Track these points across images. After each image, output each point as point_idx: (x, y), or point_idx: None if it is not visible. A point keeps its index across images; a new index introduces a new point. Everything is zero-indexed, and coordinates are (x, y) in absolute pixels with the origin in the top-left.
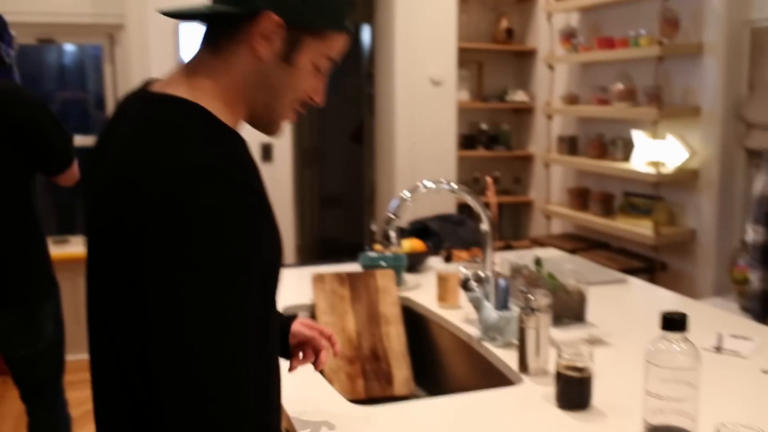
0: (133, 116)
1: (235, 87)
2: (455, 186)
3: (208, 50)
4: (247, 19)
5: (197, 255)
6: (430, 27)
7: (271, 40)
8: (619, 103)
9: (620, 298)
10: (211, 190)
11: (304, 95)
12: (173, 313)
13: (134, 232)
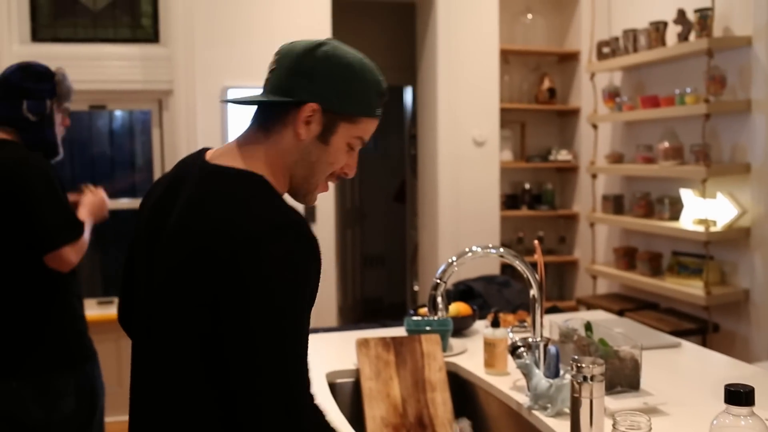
0: (203, 185)
1: (281, 161)
2: (503, 251)
3: (259, 130)
4: (294, 107)
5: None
6: (472, 88)
7: (311, 124)
8: (666, 161)
9: (675, 364)
10: (291, 242)
11: (338, 170)
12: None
13: (226, 280)
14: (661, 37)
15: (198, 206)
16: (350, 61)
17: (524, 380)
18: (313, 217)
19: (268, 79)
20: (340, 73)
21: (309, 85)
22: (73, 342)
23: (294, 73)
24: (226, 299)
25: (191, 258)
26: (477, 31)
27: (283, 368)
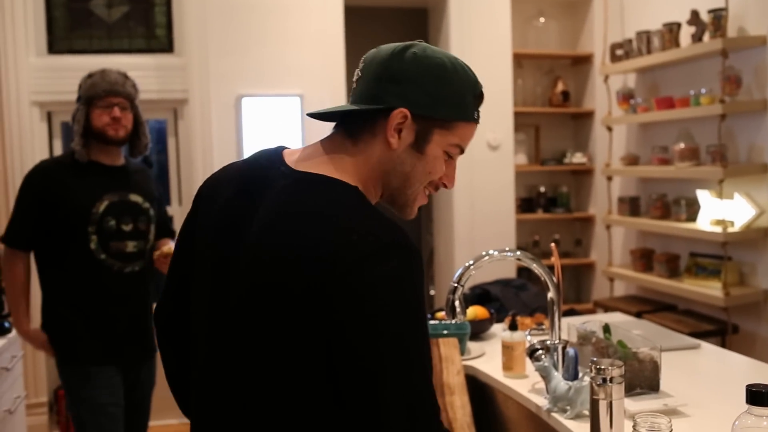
0: (294, 193)
1: (373, 172)
2: (520, 254)
3: (347, 138)
4: (383, 114)
5: (405, 320)
6: (485, 92)
7: (402, 132)
8: (682, 162)
9: (694, 365)
10: (403, 260)
11: (436, 180)
12: (402, 379)
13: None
14: (674, 38)
15: (292, 219)
16: (441, 61)
17: (543, 383)
18: None
19: (354, 89)
20: (430, 75)
21: (397, 90)
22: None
23: (381, 79)
24: (337, 333)
25: (288, 279)
26: (490, 35)
27: (414, 405)
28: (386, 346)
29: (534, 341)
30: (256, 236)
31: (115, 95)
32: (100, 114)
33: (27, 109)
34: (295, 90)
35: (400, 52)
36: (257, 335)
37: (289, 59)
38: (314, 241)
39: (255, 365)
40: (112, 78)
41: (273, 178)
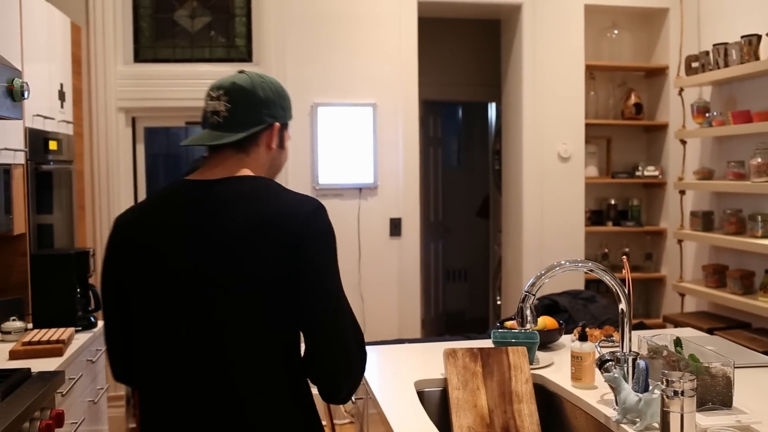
0: (229, 189)
1: (261, 169)
2: (592, 265)
3: (239, 151)
4: (263, 129)
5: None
6: (557, 103)
7: (275, 138)
8: (758, 177)
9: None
10: (324, 215)
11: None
12: (333, 283)
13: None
14: (754, 51)
15: (242, 201)
16: (280, 84)
17: (612, 394)
18: (398, 231)
19: (227, 116)
20: (281, 95)
21: (269, 111)
22: None
23: (256, 105)
24: (299, 263)
25: (261, 238)
26: (562, 46)
27: (349, 310)
28: (331, 268)
29: (604, 352)
30: (202, 225)
31: None
32: None
33: (114, 115)
34: (368, 99)
35: (259, 84)
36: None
37: (363, 68)
38: (273, 208)
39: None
40: None
41: (197, 189)
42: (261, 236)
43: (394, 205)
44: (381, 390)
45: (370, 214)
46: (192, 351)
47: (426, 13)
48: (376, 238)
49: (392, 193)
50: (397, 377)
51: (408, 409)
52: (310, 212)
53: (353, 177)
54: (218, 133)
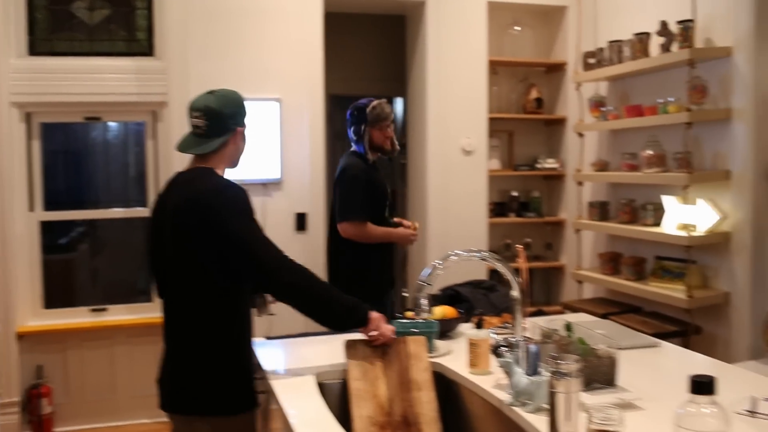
0: (187, 177)
1: (228, 160)
2: (486, 254)
3: (212, 151)
4: (233, 135)
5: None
6: (461, 98)
7: (241, 137)
8: (649, 168)
9: (653, 363)
10: (234, 190)
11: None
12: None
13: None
14: (644, 48)
15: (187, 185)
16: (239, 95)
17: (506, 378)
18: (304, 226)
19: (204, 129)
20: (240, 105)
21: (235, 120)
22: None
23: (226, 117)
24: (221, 225)
25: (187, 209)
26: (466, 42)
27: (265, 240)
28: (241, 224)
29: (498, 338)
30: (176, 200)
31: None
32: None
33: (6, 110)
34: (274, 94)
35: (224, 103)
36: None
37: (268, 63)
38: (200, 187)
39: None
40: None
41: (176, 177)
42: (190, 208)
43: (299, 200)
44: (281, 384)
45: (276, 210)
46: (163, 288)
47: (332, 8)
48: (282, 234)
49: (298, 188)
50: (298, 370)
51: (308, 402)
52: (221, 189)
53: (258, 172)
54: (200, 140)
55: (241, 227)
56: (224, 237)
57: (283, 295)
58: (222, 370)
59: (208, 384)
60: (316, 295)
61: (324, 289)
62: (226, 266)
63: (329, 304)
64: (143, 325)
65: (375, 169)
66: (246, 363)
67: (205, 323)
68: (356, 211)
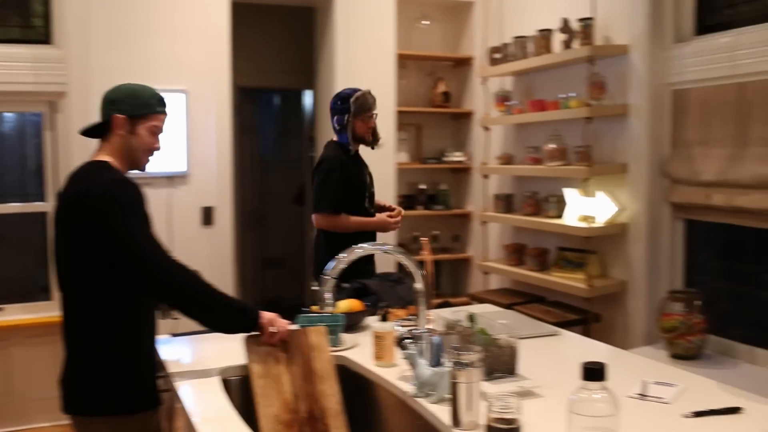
0: (81, 171)
1: (119, 152)
2: (390, 247)
3: (102, 140)
4: (114, 121)
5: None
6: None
7: (122, 127)
8: (552, 162)
9: (553, 351)
10: (123, 185)
11: (148, 148)
12: (134, 232)
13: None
14: (547, 45)
15: (78, 179)
16: (134, 87)
17: (411, 370)
18: (211, 220)
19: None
20: (129, 95)
21: (115, 107)
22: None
23: (105, 106)
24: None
25: (75, 204)
26: (374, 35)
27: (151, 240)
28: (126, 222)
29: (403, 331)
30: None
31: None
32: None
33: None
34: (180, 85)
35: (112, 90)
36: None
37: (174, 54)
38: (89, 182)
39: (73, 253)
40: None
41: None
42: (77, 203)
43: (206, 193)
44: (185, 382)
45: (182, 203)
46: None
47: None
48: (188, 228)
49: (205, 182)
50: (203, 368)
51: (211, 400)
52: (110, 185)
53: (163, 165)
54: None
55: (126, 225)
56: (107, 234)
57: (167, 298)
58: (120, 368)
59: (107, 383)
60: (202, 298)
61: (210, 292)
62: (113, 265)
63: (216, 307)
64: (42, 325)
65: (355, 160)
66: (147, 361)
67: (101, 321)
68: (328, 203)
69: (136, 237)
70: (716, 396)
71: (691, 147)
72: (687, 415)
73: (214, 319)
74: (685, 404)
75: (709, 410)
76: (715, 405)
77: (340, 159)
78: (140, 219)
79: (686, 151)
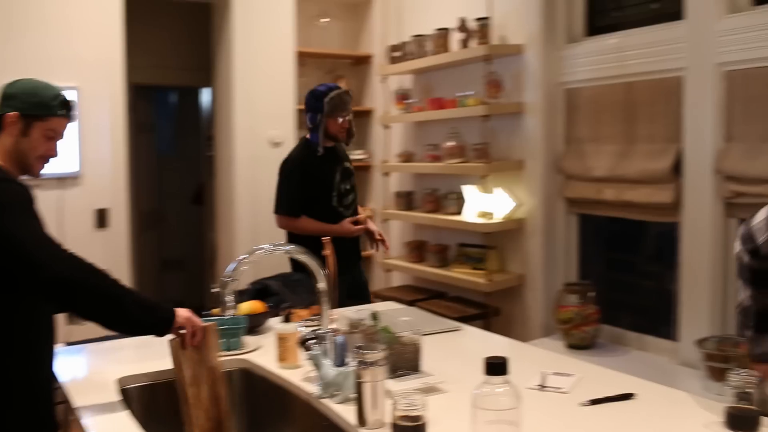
0: None
1: (8, 154)
2: (292, 247)
3: None
4: (4, 119)
5: (15, 207)
6: (269, 89)
7: (14, 126)
8: (451, 159)
9: (455, 346)
10: (6, 183)
11: (43, 154)
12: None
13: None
14: (445, 43)
15: None
16: (34, 84)
17: (315, 371)
18: (105, 222)
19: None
20: (26, 92)
21: (8, 103)
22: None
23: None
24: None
25: None
26: (273, 33)
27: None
28: (10, 220)
29: (306, 331)
30: None
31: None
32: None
33: None
34: (70, 82)
35: (9, 86)
36: None
37: (63, 49)
38: None
39: None
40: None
41: None
42: None
43: (100, 194)
44: (81, 395)
45: (73, 206)
46: None
47: None
48: (80, 231)
49: (98, 182)
50: (98, 377)
51: (110, 413)
52: None
53: (53, 166)
54: None
55: (10, 223)
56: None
57: (62, 295)
58: (10, 397)
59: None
60: (106, 294)
61: (117, 286)
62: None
63: (124, 303)
64: None
65: (326, 158)
66: (42, 381)
67: None
68: (284, 205)
69: (23, 233)
70: (610, 383)
71: (583, 144)
72: (584, 403)
73: (122, 319)
74: (582, 393)
75: (604, 397)
76: (610, 392)
77: (301, 160)
78: (28, 217)
79: (579, 147)
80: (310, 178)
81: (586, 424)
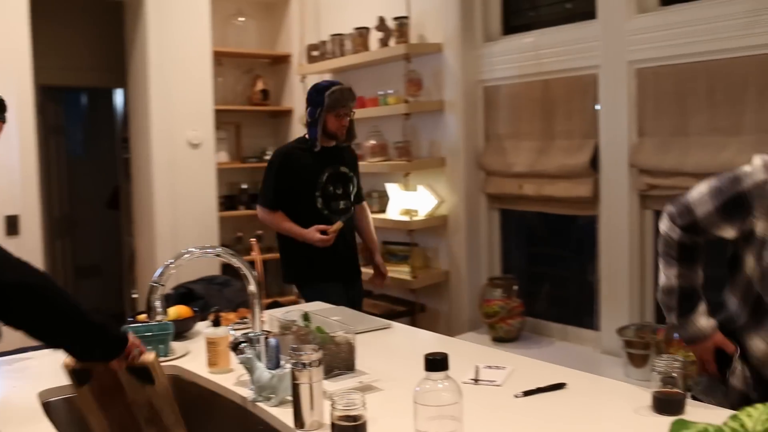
0: None
1: None
2: (220, 250)
3: None
4: None
5: None
6: (185, 90)
7: None
8: (373, 158)
9: (386, 344)
10: None
11: None
12: None
13: None
14: (365, 42)
15: None
16: None
17: (248, 375)
18: (16, 229)
19: None
20: None
21: None
22: None
23: None
24: None
25: None
26: (189, 32)
27: None
28: None
29: (237, 335)
30: None
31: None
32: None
33: None
34: None
35: None
36: None
37: None
38: None
39: None
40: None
41: None
42: None
43: (9, 201)
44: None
45: None
46: None
47: None
48: None
49: (7, 189)
50: (20, 392)
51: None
52: None
53: None
54: None
55: None
56: None
57: (10, 300)
58: None
59: None
60: (55, 304)
61: (68, 297)
62: None
63: (74, 318)
64: None
65: (321, 157)
66: None
67: None
68: (263, 196)
69: None
70: (541, 374)
71: (503, 140)
72: (518, 395)
73: (71, 335)
74: (515, 385)
75: (536, 388)
76: (542, 383)
77: (286, 153)
78: None
79: (499, 144)
80: (289, 172)
81: (522, 415)
